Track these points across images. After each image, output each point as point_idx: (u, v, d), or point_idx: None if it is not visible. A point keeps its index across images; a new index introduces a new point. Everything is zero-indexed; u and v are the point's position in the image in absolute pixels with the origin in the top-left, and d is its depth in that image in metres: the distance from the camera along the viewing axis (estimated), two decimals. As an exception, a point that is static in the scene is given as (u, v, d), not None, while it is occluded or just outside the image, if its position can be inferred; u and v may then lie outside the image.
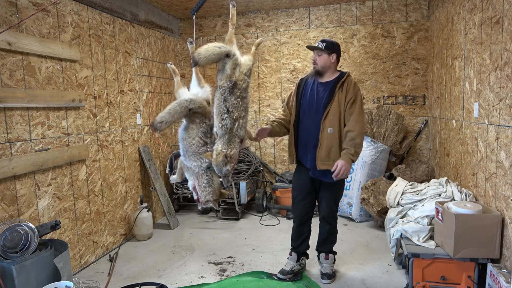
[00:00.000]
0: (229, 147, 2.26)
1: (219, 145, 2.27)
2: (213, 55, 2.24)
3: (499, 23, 2.53)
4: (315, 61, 2.91)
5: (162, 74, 4.96)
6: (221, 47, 2.27)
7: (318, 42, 2.92)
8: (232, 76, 2.28)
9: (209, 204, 2.60)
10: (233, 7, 2.51)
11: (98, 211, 3.62)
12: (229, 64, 2.28)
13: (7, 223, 2.41)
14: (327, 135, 2.81)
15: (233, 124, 2.26)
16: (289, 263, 3.11)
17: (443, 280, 2.65)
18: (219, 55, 2.26)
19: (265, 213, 4.90)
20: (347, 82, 2.85)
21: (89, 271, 3.36)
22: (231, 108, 2.25)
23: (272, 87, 5.23)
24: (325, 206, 2.99)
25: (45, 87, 2.99)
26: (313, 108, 2.88)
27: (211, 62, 2.30)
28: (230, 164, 2.27)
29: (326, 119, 2.81)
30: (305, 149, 2.93)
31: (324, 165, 2.82)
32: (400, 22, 4.75)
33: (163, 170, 4.94)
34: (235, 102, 2.26)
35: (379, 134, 4.57)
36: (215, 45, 2.27)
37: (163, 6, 4.74)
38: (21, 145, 2.76)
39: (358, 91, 2.86)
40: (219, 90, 2.28)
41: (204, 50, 2.22)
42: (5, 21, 2.63)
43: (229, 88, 2.26)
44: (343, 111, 2.82)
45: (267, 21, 5.16)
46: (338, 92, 2.83)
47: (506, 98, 2.43)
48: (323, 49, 2.85)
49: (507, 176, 2.40)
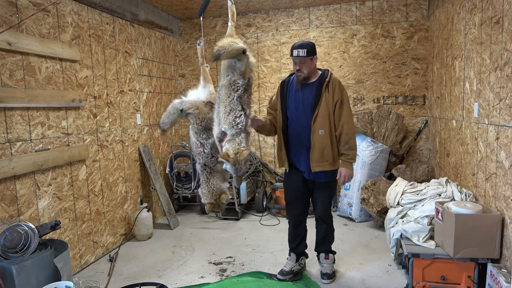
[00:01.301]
0: (247, 145, 2.22)
1: (235, 144, 2.18)
2: (234, 50, 2.18)
3: (499, 23, 2.53)
4: (300, 70, 2.78)
5: (162, 74, 4.96)
6: (238, 43, 2.22)
7: (296, 49, 2.74)
8: (246, 73, 2.24)
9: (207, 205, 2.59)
10: (232, 4, 2.50)
11: (98, 211, 3.62)
12: (244, 60, 2.23)
13: (7, 223, 2.41)
14: (318, 137, 2.80)
15: (247, 122, 2.23)
16: (289, 264, 3.11)
17: (443, 280, 2.65)
18: (239, 51, 2.21)
19: (265, 213, 4.90)
20: (332, 82, 2.82)
21: (89, 271, 3.36)
22: (245, 105, 2.22)
23: (272, 87, 5.23)
24: (320, 206, 2.99)
25: (45, 87, 2.98)
26: (301, 110, 2.85)
27: (231, 57, 2.23)
28: (248, 163, 2.22)
29: (316, 121, 2.79)
30: (298, 152, 2.91)
31: (318, 167, 2.82)
32: (400, 22, 4.75)
33: (163, 170, 4.95)
34: (248, 99, 2.25)
35: (379, 134, 4.57)
36: (233, 41, 2.21)
37: (163, 6, 4.74)
38: (21, 145, 2.76)
39: (344, 90, 2.85)
40: (230, 87, 2.23)
41: (228, 44, 2.16)
42: (5, 21, 2.63)
43: (244, 85, 2.22)
44: (331, 111, 2.81)
45: (267, 21, 5.16)
46: (324, 93, 2.80)
47: (506, 98, 2.43)
48: (307, 56, 2.73)
49: (507, 176, 2.40)
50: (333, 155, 2.83)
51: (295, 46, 2.77)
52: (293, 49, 2.77)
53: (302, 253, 3.16)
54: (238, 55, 2.23)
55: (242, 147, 2.18)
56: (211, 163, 2.59)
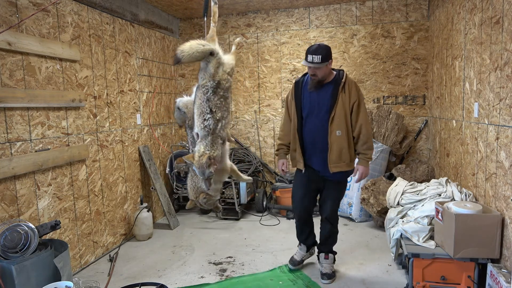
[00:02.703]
0: (212, 148, 2.22)
1: (202, 146, 2.21)
2: (197, 53, 2.16)
3: (499, 23, 2.53)
4: (314, 74, 2.80)
5: (162, 74, 4.96)
6: (205, 45, 2.20)
7: (311, 55, 2.72)
8: (216, 75, 2.22)
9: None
10: (215, 5, 2.49)
11: (98, 211, 3.62)
12: (212, 62, 2.22)
13: (7, 223, 2.41)
14: (336, 138, 2.82)
15: (216, 125, 2.22)
16: (299, 253, 3.22)
17: (443, 280, 2.65)
18: (203, 53, 2.19)
19: (265, 213, 4.90)
20: (348, 83, 2.85)
21: (89, 271, 3.36)
22: (214, 108, 2.21)
23: (272, 87, 5.23)
24: (329, 206, 3.01)
25: (45, 87, 2.98)
26: (316, 111, 2.87)
27: (194, 60, 2.22)
28: (213, 166, 2.22)
29: (333, 122, 2.81)
30: (313, 152, 2.93)
31: (336, 168, 2.86)
32: (400, 22, 4.75)
33: (163, 170, 4.94)
34: (218, 102, 2.22)
35: (379, 134, 4.57)
36: (198, 43, 2.19)
37: (163, 6, 4.74)
38: (21, 145, 2.76)
39: (360, 91, 2.89)
40: (201, 89, 2.23)
41: (188, 47, 2.14)
42: (5, 21, 2.63)
43: (213, 87, 2.21)
44: (348, 112, 2.83)
45: (267, 21, 5.16)
46: (341, 94, 2.82)
47: (506, 98, 2.43)
48: (321, 63, 2.72)
49: (507, 176, 2.40)
50: (350, 155, 2.87)
51: (310, 51, 2.74)
52: (308, 54, 2.74)
53: (312, 244, 3.24)
54: (204, 58, 2.23)
55: (206, 151, 2.20)
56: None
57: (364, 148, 2.86)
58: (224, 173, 2.60)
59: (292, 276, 3.12)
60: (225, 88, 2.26)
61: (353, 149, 2.91)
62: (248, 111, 5.35)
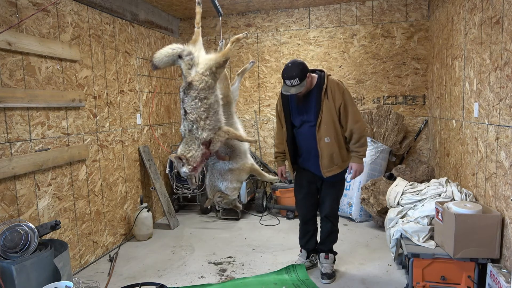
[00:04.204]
0: (186, 149, 2.24)
1: (179, 146, 2.29)
2: (165, 58, 2.27)
3: (499, 23, 2.53)
4: (299, 92, 2.71)
5: (162, 74, 4.96)
6: (174, 49, 2.28)
7: (289, 80, 2.62)
8: (188, 77, 2.27)
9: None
10: (199, 5, 2.51)
11: (98, 211, 3.62)
12: (182, 65, 2.30)
13: (7, 223, 2.41)
14: (325, 145, 2.81)
15: (191, 126, 2.25)
16: (300, 260, 3.20)
17: (443, 280, 2.65)
18: (172, 57, 2.28)
19: (265, 213, 4.90)
20: (330, 87, 2.77)
21: (89, 271, 3.36)
22: (188, 109, 2.24)
23: (272, 87, 5.23)
24: (328, 204, 3.02)
25: (45, 87, 2.98)
26: (304, 118, 2.87)
27: (167, 64, 2.32)
28: (188, 167, 2.23)
29: (320, 129, 2.79)
30: (307, 157, 2.95)
31: (330, 172, 2.87)
32: (400, 22, 4.75)
33: (163, 170, 4.94)
34: (192, 103, 2.24)
35: (379, 134, 4.57)
36: (169, 47, 2.28)
37: (163, 6, 4.74)
38: (21, 145, 2.76)
39: (345, 91, 2.79)
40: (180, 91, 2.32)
41: (159, 53, 2.26)
42: (5, 21, 2.63)
43: (184, 88, 2.26)
44: (336, 117, 2.78)
45: (267, 21, 5.16)
46: (324, 100, 2.77)
47: (506, 98, 2.43)
48: (300, 84, 2.65)
49: (507, 176, 2.40)
50: (341, 157, 2.87)
51: (285, 76, 2.64)
52: (285, 80, 2.65)
53: (312, 250, 3.22)
54: (174, 61, 2.31)
55: (179, 150, 2.27)
56: (210, 161, 2.62)
57: (356, 146, 2.83)
58: (242, 172, 2.62)
59: (297, 281, 3.00)
60: (200, 88, 2.24)
61: (345, 149, 2.90)
62: (248, 111, 5.35)
